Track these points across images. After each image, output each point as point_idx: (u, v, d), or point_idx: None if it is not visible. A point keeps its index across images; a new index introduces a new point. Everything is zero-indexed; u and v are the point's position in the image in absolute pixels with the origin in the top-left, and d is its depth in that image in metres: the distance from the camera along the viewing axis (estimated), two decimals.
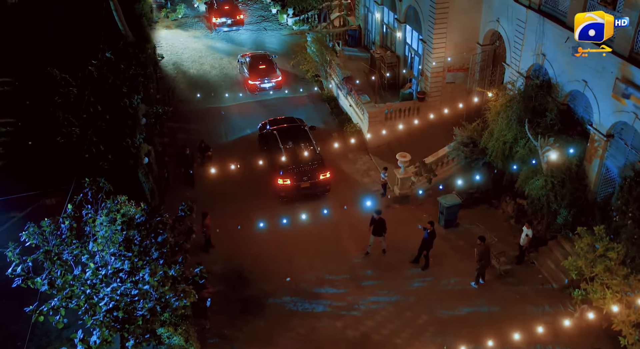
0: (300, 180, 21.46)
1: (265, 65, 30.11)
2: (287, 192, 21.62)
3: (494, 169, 20.17)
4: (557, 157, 16.85)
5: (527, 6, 19.54)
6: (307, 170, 21.59)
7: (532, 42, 19.54)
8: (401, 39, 26.46)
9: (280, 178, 21.50)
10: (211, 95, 27.02)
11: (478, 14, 22.76)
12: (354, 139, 24.92)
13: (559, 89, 18.59)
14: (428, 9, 22.89)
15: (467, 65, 23.77)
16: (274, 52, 33.44)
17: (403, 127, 24.32)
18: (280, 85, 29.67)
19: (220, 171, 22.05)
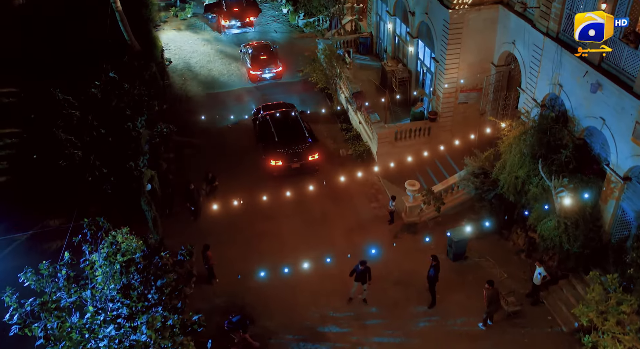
0: (290, 161, 23.64)
1: (266, 55, 31.39)
2: (278, 172, 23.73)
3: (506, 201, 19.55)
4: (571, 202, 16.21)
5: (544, 33, 18.69)
6: (297, 152, 23.80)
7: (549, 71, 18.73)
8: (413, 54, 25.65)
9: (272, 159, 23.66)
10: (216, 117, 26.48)
11: (493, 33, 21.88)
12: (363, 158, 24.40)
13: (576, 123, 17.83)
14: (441, 28, 22.06)
15: (480, 86, 22.95)
16: (276, 42, 34.70)
17: (413, 147, 23.70)
18: (280, 75, 31.24)
19: (225, 206, 21.72)
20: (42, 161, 21.92)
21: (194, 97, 30.16)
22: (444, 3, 21.42)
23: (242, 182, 23.46)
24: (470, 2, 21.02)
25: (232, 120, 27.72)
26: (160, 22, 38.70)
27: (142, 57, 28.32)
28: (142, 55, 28.52)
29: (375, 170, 23.78)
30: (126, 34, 27.87)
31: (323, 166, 24.34)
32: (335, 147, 25.64)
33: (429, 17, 23.12)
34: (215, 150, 25.65)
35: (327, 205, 22.25)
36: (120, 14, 27.07)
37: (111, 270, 14.02)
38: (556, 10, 18.02)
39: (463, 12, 21.15)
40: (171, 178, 23.69)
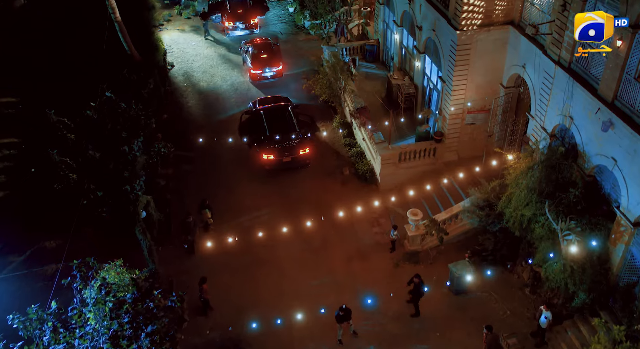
0: (282, 155, 24.21)
1: (267, 54, 31.18)
2: (270, 166, 24.36)
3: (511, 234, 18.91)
4: (578, 248, 15.56)
5: (555, 62, 17.80)
6: (289, 147, 24.35)
7: (560, 100, 17.89)
8: (420, 69, 24.78)
9: (264, 153, 24.23)
10: (214, 140, 25.81)
11: (503, 54, 20.96)
12: (367, 178, 23.79)
13: (586, 159, 17.04)
14: (448, 48, 21.18)
15: (488, 107, 22.12)
16: (279, 38, 34.90)
17: (418, 168, 23.05)
18: (280, 73, 31.12)
19: (222, 232, 21.33)
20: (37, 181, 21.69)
21: (195, 106, 29.53)
22: (452, 23, 20.52)
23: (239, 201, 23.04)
24: (480, 23, 20.11)
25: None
26: (163, 21, 37.91)
27: (143, 67, 27.72)
28: (143, 66, 27.92)
29: (378, 192, 23.20)
30: (126, 45, 27.23)
31: (325, 186, 23.81)
32: (338, 164, 25.01)
33: (436, 34, 22.22)
34: (214, 165, 25.14)
35: (327, 229, 21.70)
36: (119, 24, 26.42)
37: (100, 314, 13.73)
38: (569, 39, 17.11)
39: (472, 33, 20.26)
40: (169, 198, 23.28)
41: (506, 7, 20.00)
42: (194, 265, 20.32)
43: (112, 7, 25.86)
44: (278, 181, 24.13)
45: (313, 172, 24.58)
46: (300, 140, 24.83)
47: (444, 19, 21.14)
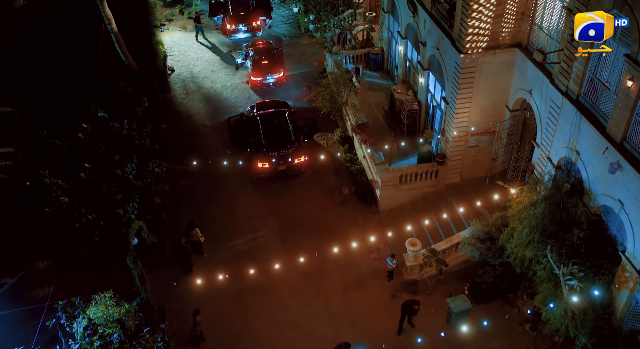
0: (277, 164, 23.94)
1: (268, 60, 30.45)
2: (266, 174, 24.16)
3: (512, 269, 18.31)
4: (579, 296, 14.96)
5: (563, 92, 16.98)
6: (284, 155, 24.11)
7: (566, 133, 17.11)
8: (424, 86, 23.95)
9: (259, 161, 24.02)
10: (209, 162, 24.94)
11: (509, 77, 20.11)
12: (366, 199, 23.20)
13: (592, 197, 16.32)
14: (452, 69, 20.35)
15: (493, 129, 21.35)
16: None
17: (419, 190, 22.42)
18: (282, 80, 30.36)
19: (216, 257, 20.97)
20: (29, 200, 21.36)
21: (195, 114, 28.92)
22: (456, 45, 19.68)
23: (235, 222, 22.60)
24: (485, 45, 19.25)
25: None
26: (165, 20, 37.12)
27: (140, 78, 27.14)
28: (140, 76, 27.33)
29: (377, 213, 22.63)
30: (123, 55, 26.61)
31: (323, 206, 23.25)
32: (338, 182, 24.39)
33: (440, 53, 21.37)
34: (212, 179, 24.60)
35: (324, 253, 21.15)
36: (116, 35, 25.79)
37: None
38: (577, 71, 16.27)
39: (476, 56, 19.41)
40: (165, 216, 22.85)
41: (513, 29, 19.11)
42: (187, 291, 19.94)
43: (108, 18, 25.22)
44: (276, 199, 23.59)
45: (312, 191, 24.00)
46: (296, 149, 24.54)
47: (448, 39, 20.29)
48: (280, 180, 24.36)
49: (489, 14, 18.58)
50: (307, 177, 24.68)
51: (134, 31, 30.50)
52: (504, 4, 18.48)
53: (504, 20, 18.83)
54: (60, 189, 20.38)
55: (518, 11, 18.74)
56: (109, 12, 25.20)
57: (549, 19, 17.89)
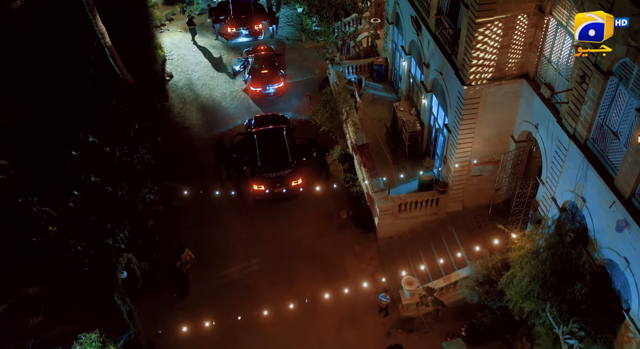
0: (273, 186, 23.41)
1: (268, 69, 29.35)
2: (261, 196, 23.60)
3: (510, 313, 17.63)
4: None
5: (570, 135, 16.02)
6: (280, 177, 23.53)
7: (573, 176, 16.20)
8: (427, 107, 22.99)
9: (255, 184, 23.45)
10: (200, 192, 23.92)
11: (515, 107, 19.10)
12: (364, 226, 22.54)
13: (597, 248, 15.50)
14: (455, 98, 19.38)
15: (497, 158, 20.44)
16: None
17: (419, 218, 21.69)
18: (282, 90, 29.50)
19: (206, 287, 20.44)
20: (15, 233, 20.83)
21: (193, 126, 28.17)
22: (459, 75, 18.67)
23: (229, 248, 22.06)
24: (490, 76, 18.24)
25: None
26: (165, 20, 36.12)
27: (136, 91, 26.43)
28: (136, 89, 26.61)
29: (375, 241, 21.98)
30: (117, 68, 25.84)
31: (320, 231, 22.61)
32: (336, 205, 23.68)
33: (444, 79, 20.37)
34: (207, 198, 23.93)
35: (319, 283, 20.61)
36: (110, 49, 24.97)
37: None
38: (586, 115, 15.29)
39: (481, 88, 18.43)
40: (157, 240, 22.34)
41: (520, 59, 18.05)
42: (176, 325, 19.49)
43: (101, 32, 24.42)
44: (272, 223, 22.97)
45: (309, 214, 23.34)
46: (293, 170, 23.90)
47: (451, 66, 19.27)
48: (276, 201, 23.69)
49: (495, 45, 17.53)
50: (304, 198, 24.00)
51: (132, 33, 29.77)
52: (511, 34, 17.40)
53: (511, 50, 17.77)
54: (49, 216, 19.95)
55: (526, 41, 17.67)
56: (102, 26, 24.37)
57: (558, 53, 16.82)
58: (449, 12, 19.69)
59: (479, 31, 17.09)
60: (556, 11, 16.50)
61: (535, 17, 17.15)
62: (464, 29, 17.82)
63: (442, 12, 20.01)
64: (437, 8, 20.28)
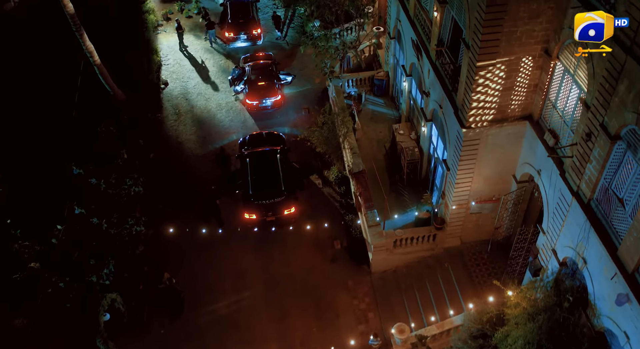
0: (265, 215, 22.78)
1: (265, 81, 28.12)
2: (253, 224, 23.06)
3: None
4: None
5: (573, 192, 15.03)
6: (272, 205, 22.86)
7: (574, 234, 15.26)
8: (426, 136, 21.94)
9: (246, 212, 22.86)
10: (186, 230, 22.76)
11: (518, 148, 18.05)
12: (358, 259, 21.85)
13: (596, 313, 14.67)
14: (454, 137, 18.32)
15: (498, 197, 19.49)
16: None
17: (415, 254, 20.92)
18: (279, 104, 28.31)
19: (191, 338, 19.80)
20: None
21: (186, 141, 27.29)
22: (458, 116, 17.59)
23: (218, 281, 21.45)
24: (492, 118, 17.16)
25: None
26: (163, 20, 34.89)
27: (127, 107, 25.58)
28: (127, 105, 25.75)
29: (369, 275, 21.28)
30: (108, 86, 24.92)
31: (313, 263, 21.95)
32: (331, 233, 22.92)
33: (443, 113, 19.29)
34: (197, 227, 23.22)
35: (309, 321, 20.09)
36: (99, 67, 24.03)
37: None
38: (591, 175, 14.25)
39: (481, 130, 17.37)
40: (146, 270, 21.77)
41: (524, 101, 16.93)
42: None
43: (89, 51, 23.44)
44: (263, 254, 22.31)
45: (302, 243, 22.63)
46: (286, 198, 23.18)
47: (450, 104, 18.18)
48: (268, 229, 22.96)
49: (497, 87, 16.39)
50: (297, 225, 23.24)
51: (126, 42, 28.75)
52: (515, 77, 16.24)
53: (514, 93, 16.64)
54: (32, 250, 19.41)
55: (530, 84, 16.51)
56: (90, 44, 23.36)
57: (565, 101, 15.68)
58: (450, 44, 18.48)
59: (479, 74, 15.95)
60: (564, 56, 15.32)
61: (541, 60, 15.97)
62: (465, 68, 16.67)
63: (443, 43, 18.80)
64: (438, 38, 19.06)
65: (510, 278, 18.86)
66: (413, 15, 21.66)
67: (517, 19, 14.96)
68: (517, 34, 15.28)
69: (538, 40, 15.54)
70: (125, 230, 20.48)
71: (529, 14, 14.89)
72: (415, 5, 21.27)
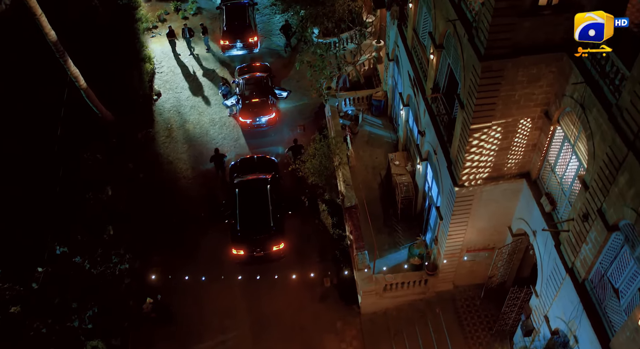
0: (253, 251, 22.11)
1: (259, 98, 27.13)
2: (240, 260, 22.37)
3: None
4: None
5: (567, 268, 14.23)
6: (261, 241, 22.16)
7: (567, 309, 14.53)
8: (421, 173, 21.01)
9: (234, 248, 22.25)
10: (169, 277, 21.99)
11: (514, 202, 17.14)
12: (347, 299, 21.23)
13: None
14: (448, 191, 17.39)
15: (492, 245, 18.71)
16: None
17: (405, 298, 20.33)
18: (274, 121, 27.24)
19: None
20: None
21: (177, 160, 26.50)
22: (451, 171, 16.67)
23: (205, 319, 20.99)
24: (487, 176, 16.23)
25: None
26: (158, 21, 33.64)
27: (116, 127, 24.79)
28: (116, 125, 24.95)
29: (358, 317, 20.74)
30: (95, 108, 24.08)
31: (302, 302, 21.39)
32: (321, 269, 22.27)
33: (437, 160, 18.34)
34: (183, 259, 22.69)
35: None
36: (85, 90, 23.15)
37: None
38: (586, 256, 13.41)
39: (475, 188, 16.47)
40: (132, 304, 21.34)
41: (522, 160, 15.95)
42: None
43: (74, 76, 22.55)
44: (250, 290, 21.71)
45: (291, 279, 21.88)
46: (274, 234, 22.33)
47: (444, 156, 17.22)
48: (257, 264, 22.36)
49: (492, 148, 15.41)
50: (287, 258, 22.64)
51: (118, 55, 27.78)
52: (512, 137, 15.24)
53: (511, 152, 15.66)
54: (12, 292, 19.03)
55: (529, 143, 15.51)
56: (75, 69, 22.41)
57: (563, 167, 14.71)
58: (446, 91, 17.38)
59: (473, 136, 14.97)
60: (564, 123, 14.28)
61: (541, 121, 14.94)
62: (459, 126, 15.68)
63: (439, 88, 17.71)
64: (434, 81, 17.97)
65: (502, 333, 18.29)
66: (411, 46, 20.48)
67: (515, 83, 13.90)
68: (515, 97, 14.24)
69: (538, 103, 14.49)
70: (110, 268, 20.03)
71: (529, 78, 13.83)
72: (413, 37, 20.07)
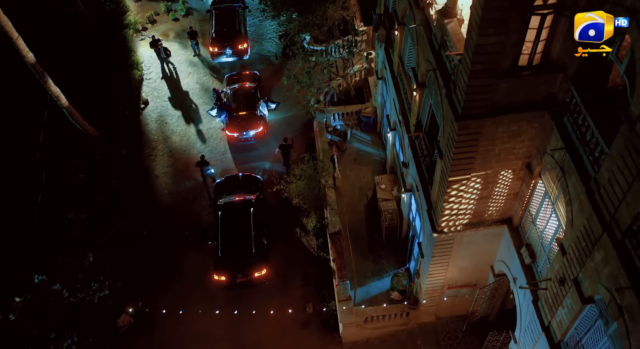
0: (235, 277, 21.82)
1: (246, 111, 26.47)
2: (223, 285, 22.10)
3: None
4: None
5: (544, 326, 13.92)
6: (243, 267, 21.82)
7: None
8: (406, 203, 20.57)
9: (216, 274, 21.93)
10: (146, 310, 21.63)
11: (496, 245, 16.75)
12: (330, 325, 21.05)
13: None
14: (428, 233, 16.94)
15: (475, 282, 18.40)
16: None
17: (387, 329, 20.14)
18: (261, 135, 26.53)
19: None
20: None
21: (161, 176, 26.01)
22: (431, 216, 16.24)
23: None
24: (467, 222, 15.80)
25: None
26: (147, 22, 32.82)
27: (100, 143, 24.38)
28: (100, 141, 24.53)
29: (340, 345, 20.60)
30: (78, 125, 23.62)
31: (284, 329, 21.20)
32: (304, 294, 22.05)
33: (419, 195, 17.86)
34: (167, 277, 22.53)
35: None
36: (67, 108, 22.67)
37: None
38: (562, 319, 13.08)
39: (454, 234, 16.06)
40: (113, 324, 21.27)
41: (503, 207, 15.50)
42: None
43: (55, 95, 22.04)
44: (232, 316, 21.44)
45: (273, 304, 21.68)
46: (257, 259, 21.89)
47: (424, 196, 16.78)
48: (239, 288, 22.14)
49: (472, 197, 14.95)
50: (271, 282, 22.40)
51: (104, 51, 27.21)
52: (492, 188, 14.76)
53: (492, 201, 15.20)
54: None
55: (510, 192, 15.04)
56: (56, 89, 21.88)
57: (544, 223, 14.25)
58: (428, 131, 16.81)
59: (452, 187, 14.49)
60: (545, 178, 13.78)
61: (522, 172, 14.44)
62: (438, 174, 15.18)
63: (422, 127, 17.13)
64: (417, 118, 17.38)
65: None
66: (397, 72, 19.83)
67: (495, 139, 13.37)
68: (494, 151, 13.72)
69: (519, 156, 13.99)
70: (89, 296, 19.89)
71: (509, 133, 13.30)
72: (399, 64, 19.40)
